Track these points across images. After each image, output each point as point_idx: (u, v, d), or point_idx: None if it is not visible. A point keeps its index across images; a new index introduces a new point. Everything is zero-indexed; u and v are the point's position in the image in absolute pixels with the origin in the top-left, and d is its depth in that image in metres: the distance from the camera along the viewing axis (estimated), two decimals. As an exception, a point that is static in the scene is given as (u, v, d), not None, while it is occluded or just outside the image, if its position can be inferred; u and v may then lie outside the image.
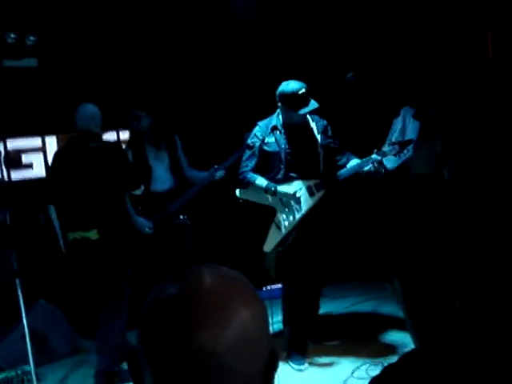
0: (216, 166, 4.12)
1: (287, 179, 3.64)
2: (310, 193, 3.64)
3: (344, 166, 3.72)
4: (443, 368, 0.95)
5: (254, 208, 3.71)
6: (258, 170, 3.65)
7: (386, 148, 3.68)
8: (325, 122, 3.77)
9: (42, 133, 4.85)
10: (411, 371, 0.98)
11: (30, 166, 4.86)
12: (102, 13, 4.76)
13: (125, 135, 5.11)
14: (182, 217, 4.16)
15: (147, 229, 3.98)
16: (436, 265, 1.01)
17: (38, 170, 4.84)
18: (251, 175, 3.64)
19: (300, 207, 3.62)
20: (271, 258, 3.69)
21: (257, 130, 3.69)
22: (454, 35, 5.04)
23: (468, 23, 5.03)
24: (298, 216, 3.63)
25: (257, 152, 3.65)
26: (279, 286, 4.12)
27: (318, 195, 3.65)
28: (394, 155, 3.71)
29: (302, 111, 3.54)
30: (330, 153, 3.74)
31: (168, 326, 0.74)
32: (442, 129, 4.35)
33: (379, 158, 3.61)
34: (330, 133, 3.77)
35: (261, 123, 3.72)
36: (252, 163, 3.66)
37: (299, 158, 3.65)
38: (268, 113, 3.74)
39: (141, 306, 0.80)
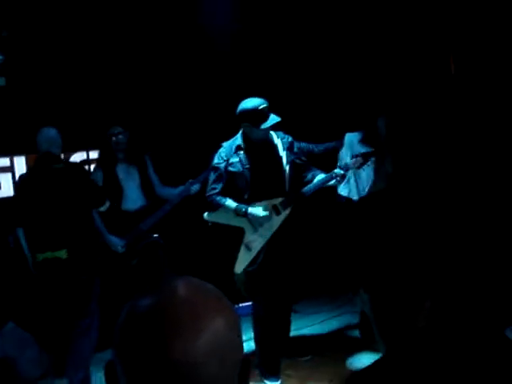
0: (191, 180, 4.16)
1: (253, 199, 3.64)
2: (277, 212, 3.67)
3: (310, 181, 3.76)
4: (407, 375, 1.00)
5: (225, 227, 3.72)
6: (224, 191, 3.66)
7: (348, 161, 3.79)
8: (290, 138, 3.79)
9: (11, 153, 4.78)
10: (376, 379, 1.02)
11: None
12: (69, 32, 4.75)
13: (94, 155, 5.09)
14: (154, 235, 4.16)
15: (120, 247, 3.98)
16: (398, 274, 1.07)
17: (6, 190, 4.76)
18: (220, 198, 3.64)
19: (268, 227, 3.64)
20: (241, 276, 3.70)
21: (221, 151, 3.70)
22: (418, 58, 5.23)
23: (432, 47, 5.22)
24: (266, 236, 3.65)
25: (223, 174, 3.64)
26: (249, 303, 4.11)
27: (285, 213, 3.69)
28: (358, 168, 3.81)
29: (264, 126, 3.54)
30: (296, 169, 3.77)
31: (143, 338, 0.76)
32: (393, 147, 4.43)
33: (342, 172, 3.72)
34: (295, 149, 3.79)
35: (225, 144, 3.73)
36: (219, 185, 3.66)
37: (264, 176, 3.66)
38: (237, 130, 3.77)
39: (113, 325, 0.81)
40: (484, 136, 4.74)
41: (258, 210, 3.60)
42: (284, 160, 3.71)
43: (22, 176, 3.93)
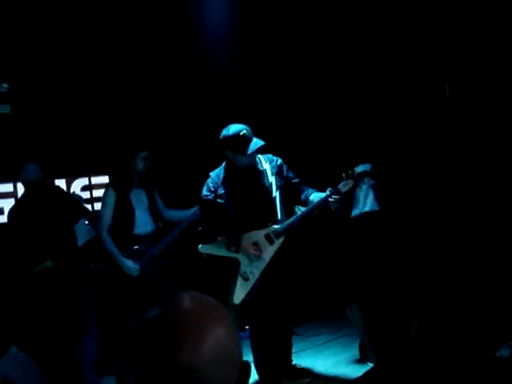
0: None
1: (244, 230, 3.58)
2: (270, 241, 3.60)
3: (304, 202, 3.65)
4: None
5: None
6: (215, 223, 3.61)
7: (339, 185, 3.56)
8: (279, 161, 3.71)
9: (14, 178, 4.85)
10: None
11: (0, 211, 4.86)
12: (73, 61, 4.87)
13: (96, 180, 5.17)
14: (163, 260, 4.16)
15: (135, 271, 3.98)
16: (389, 291, 1.13)
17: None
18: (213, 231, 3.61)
19: (263, 259, 3.59)
20: (236, 307, 3.65)
21: (209, 182, 3.66)
22: (413, 79, 5.33)
23: (427, 67, 5.32)
24: (262, 265, 3.60)
25: (212, 206, 3.60)
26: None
27: (278, 242, 3.61)
28: (352, 190, 3.62)
29: (248, 152, 3.47)
30: (289, 192, 3.69)
31: (152, 344, 0.84)
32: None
33: (334, 198, 3.51)
34: (285, 172, 3.70)
35: (212, 174, 3.68)
36: (210, 217, 3.62)
37: (252, 207, 3.59)
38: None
39: (119, 347, 0.90)
40: (480, 155, 4.80)
41: (250, 245, 3.55)
42: (273, 186, 3.63)
43: (10, 208, 4.33)
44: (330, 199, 3.52)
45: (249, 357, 3.78)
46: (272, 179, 3.65)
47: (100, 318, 4.21)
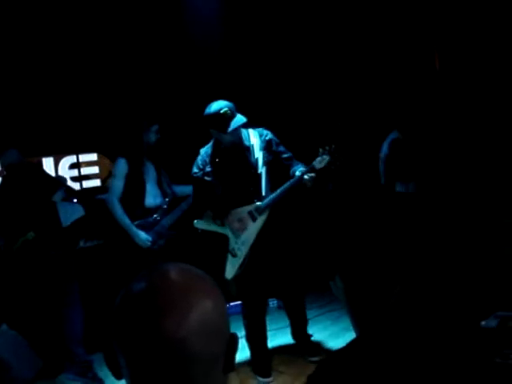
0: None
1: (230, 207, 3.64)
2: (253, 218, 3.62)
3: (292, 177, 3.64)
4: (379, 355, 1.06)
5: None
6: (205, 199, 3.68)
7: (314, 162, 3.55)
8: (268, 136, 3.69)
9: None
10: (349, 359, 1.09)
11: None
12: (61, 37, 4.80)
13: (85, 158, 5.13)
14: (172, 232, 4.18)
15: (148, 242, 3.99)
16: (372, 261, 1.14)
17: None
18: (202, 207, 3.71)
19: (248, 233, 3.63)
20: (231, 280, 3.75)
21: (198, 160, 3.69)
22: (404, 55, 5.32)
23: (417, 45, 5.31)
24: (249, 242, 3.64)
25: (201, 183, 3.65)
26: (239, 302, 4.17)
27: (261, 218, 3.63)
28: (329, 166, 3.54)
29: (229, 129, 3.45)
30: (277, 166, 3.69)
31: (137, 316, 0.82)
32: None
33: (310, 175, 3.51)
34: (274, 146, 3.69)
35: (202, 150, 3.71)
36: (200, 194, 3.69)
37: (237, 183, 3.62)
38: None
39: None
40: (470, 131, 4.82)
41: (234, 220, 3.62)
42: (260, 162, 3.63)
43: None
44: (304, 177, 3.52)
45: (241, 331, 3.82)
46: (259, 154, 3.64)
47: (96, 293, 4.24)
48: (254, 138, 3.67)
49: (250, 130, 3.69)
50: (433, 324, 1.10)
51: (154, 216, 4.07)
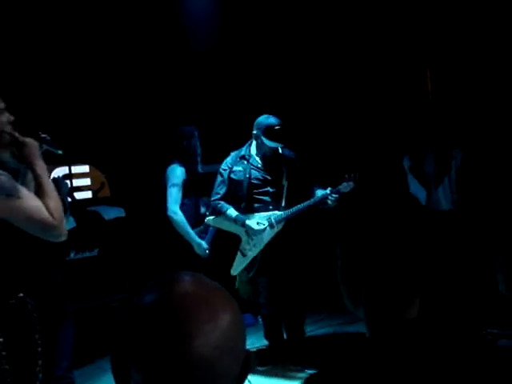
0: None
1: (249, 210, 3.81)
2: (271, 225, 3.80)
3: (310, 197, 3.81)
4: (389, 360, 1.04)
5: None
6: (225, 197, 3.82)
7: (340, 186, 3.77)
8: (293, 155, 3.93)
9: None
10: (359, 360, 1.07)
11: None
12: (55, 47, 4.81)
13: (77, 169, 5.12)
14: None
15: (207, 251, 4.10)
16: (392, 269, 1.13)
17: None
18: (222, 204, 3.80)
19: (261, 238, 3.81)
20: (244, 283, 3.94)
21: (228, 159, 3.89)
22: (396, 73, 5.37)
23: (409, 62, 5.37)
24: (260, 246, 3.83)
25: (226, 180, 3.82)
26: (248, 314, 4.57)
27: (278, 227, 3.82)
28: (350, 191, 3.78)
29: (274, 144, 3.74)
30: (296, 185, 3.86)
31: (158, 333, 0.77)
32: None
33: (334, 196, 3.72)
34: (298, 164, 3.92)
35: (232, 153, 3.91)
36: (222, 191, 3.83)
37: (262, 189, 3.81)
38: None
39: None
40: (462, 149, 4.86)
41: (253, 223, 3.76)
42: (284, 175, 3.85)
43: None
44: (329, 197, 3.73)
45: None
46: (284, 170, 3.86)
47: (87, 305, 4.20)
48: (283, 154, 3.90)
49: (279, 148, 3.90)
50: (445, 338, 1.09)
51: (204, 223, 4.11)
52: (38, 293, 3.69)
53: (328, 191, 3.75)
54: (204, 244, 4.09)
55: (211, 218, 3.92)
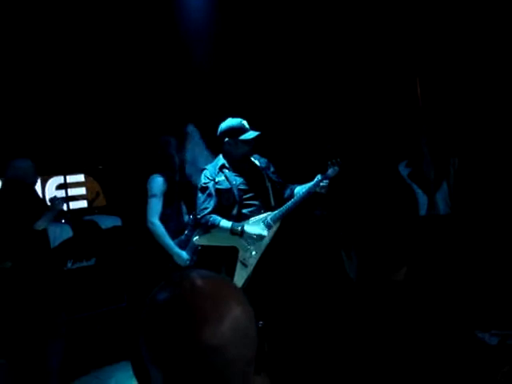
0: None
1: (241, 216, 3.68)
2: (268, 226, 3.71)
3: (291, 197, 3.79)
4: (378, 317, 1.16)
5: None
6: (215, 210, 3.65)
7: (328, 172, 3.76)
8: (266, 160, 3.88)
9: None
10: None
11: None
12: (49, 59, 4.82)
13: (72, 179, 5.12)
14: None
15: (188, 262, 4.00)
16: (384, 241, 1.25)
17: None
18: (214, 217, 3.63)
19: (261, 244, 3.69)
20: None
21: (205, 173, 3.73)
22: (385, 81, 5.44)
23: (398, 71, 5.43)
24: (260, 250, 3.71)
25: (213, 192, 3.66)
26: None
27: (276, 226, 3.74)
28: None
29: (246, 137, 3.62)
30: (275, 187, 3.84)
31: (172, 328, 0.82)
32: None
33: (325, 182, 3.73)
34: (272, 168, 3.88)
35: (208, 166, 3.78)
36: (211, 204, 3.65)
37: (250, 192, 3.72)
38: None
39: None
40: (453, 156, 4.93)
41: (253, 228, 3.65)
42: (265, 178, 3.80)
43: None
44: (320, 184, 3.71)
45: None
46: (263, 172, 3.81)
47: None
48: (255, 160, 3.84)
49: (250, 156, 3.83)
50: (430, 307, 1.19)
51: (185, 233, 4.06)
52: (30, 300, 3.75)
53: (319, 177, 3.73)
54: (184, 254, 3.99)
55: (197, 237, 3.77)
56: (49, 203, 3.96)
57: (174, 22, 5.23)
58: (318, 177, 3.75)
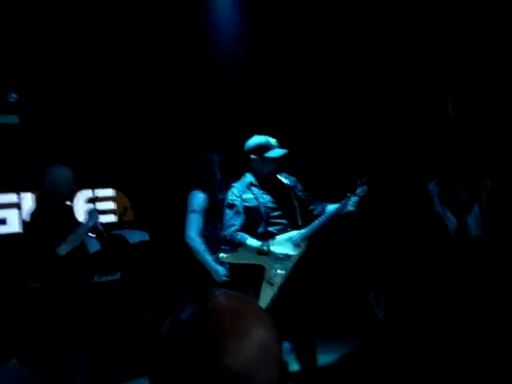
0: None
1: (267, 234, 3.66)
2: (296, 245, 3.67)
3: (322, 213, 3.75)
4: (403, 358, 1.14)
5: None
6: (243, 228, 3.64)
7: (357, 191, 3.71)
8: (294, 178, 3.86)
9: (18, 189, 4.84)
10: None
11: (3, 221, 4.82)
12: (81, 74, 4.90)
13: (99, 193, 5.16)
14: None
15: (224, 277, 4.00)
16: (413, 286, 1.22)
17: (13, 226, 4.80)
18: (241, 235, 3.62)
19: (287, 263, 3.65)
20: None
21: (233, 190, 3.72)
22: (417, 101, 5.40)
23: (431, 91, 5.39)
24: (286, 271, 3.65)
25: (241, 209, 3.65)
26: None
27: (304, 245, 3.69)
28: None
29: (273, 154, 3.62)
30: (303, 205, 3.81)
31: (191, 348, 0.79)
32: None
33: (355, 199, 3.68)
34: (299, 186, 3.85)
35: (235, 184, 3.77)
36: (238, 221, 3.64)
37: (278, 211, 3.70)
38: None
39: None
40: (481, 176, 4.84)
41: (280, 248, 3.62)
42: (293, 196, 3.77)
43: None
44: (350, 201, 3.67)
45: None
46: (291, 191, 3.79)
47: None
48: (283, 178, 3.83)
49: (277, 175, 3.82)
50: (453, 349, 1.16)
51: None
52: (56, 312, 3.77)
53: (348, 197, 3.68)
54: (221, 270, 4.01)
55: (224, 255, 3.75)
56: (87, 215, 3.93)
57: (206, 44, 5.28)
58: (348, 196, 3.70)
